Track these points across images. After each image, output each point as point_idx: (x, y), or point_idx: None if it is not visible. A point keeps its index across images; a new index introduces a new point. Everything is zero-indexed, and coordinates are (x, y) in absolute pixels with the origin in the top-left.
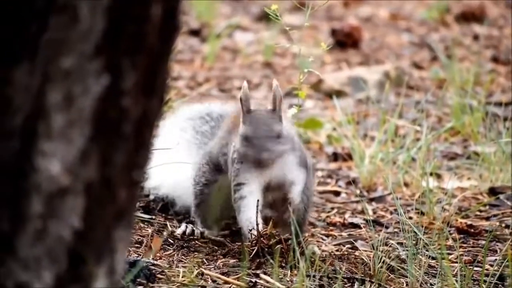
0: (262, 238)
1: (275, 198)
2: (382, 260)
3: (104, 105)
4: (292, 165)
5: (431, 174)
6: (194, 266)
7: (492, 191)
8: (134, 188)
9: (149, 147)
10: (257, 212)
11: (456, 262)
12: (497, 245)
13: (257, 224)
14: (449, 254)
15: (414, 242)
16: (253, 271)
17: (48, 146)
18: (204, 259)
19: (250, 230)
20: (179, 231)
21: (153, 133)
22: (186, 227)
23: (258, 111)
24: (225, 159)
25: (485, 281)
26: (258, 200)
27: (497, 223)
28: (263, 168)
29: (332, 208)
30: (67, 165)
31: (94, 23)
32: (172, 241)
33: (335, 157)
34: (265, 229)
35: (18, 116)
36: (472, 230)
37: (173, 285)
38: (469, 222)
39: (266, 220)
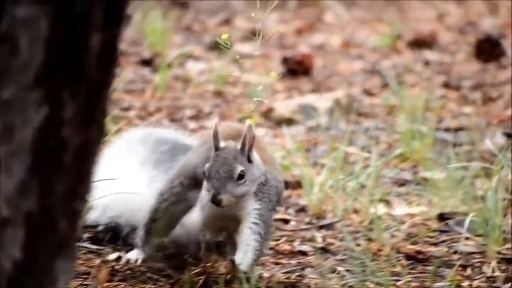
0: (208, 267)
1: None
2: None
3: (44, 135)
4: (251, 209)
5: (380, 200)
6: None
7: (441, 217)
8: (76, 218)
9: (90, 177)
10: (204, 242)
11: None
12: (445, 271)
13: (204, 255)
14: (397, 280)
15: (362, 269)
16: None
17: None
18: None
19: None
20: (111, 258)
21: (94, 163)
22: (119, 256)
23: (225, 149)
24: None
25: None
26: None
27: (446, 249)
28: (217, 206)
29: (282, 236)
30: (7, 196)
31: (34, 54)
32: (119, 272)
33: (285, 185)
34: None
35: None
36: (421, 256)
37: None
38: (417, 248)
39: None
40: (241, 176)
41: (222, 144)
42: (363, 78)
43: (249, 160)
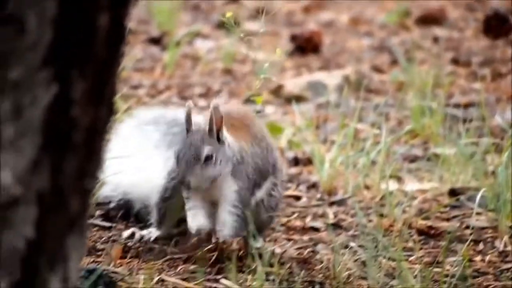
0: (221, 243)
1: None
2: (342, 263)
3: (53, 115)
4: (229, 190)
5: (391, 176)
6: (154, 273)
7: (453, 192)
8: (86, 196)
9: (100, 155)
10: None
11: (417, 264)
12: (457, 246)
13: (217, 230)
14: (409, 255)
15: (374, 244)
16: (213, 277)
17: None
18: (164, 266)
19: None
20: (124, 235)
21: (105, 141)
22: (133, 232)
23: (193, 132)
24: None
25: (445, 282)
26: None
27: (457, 224)
28: (194, 191)
29: (293, 213)
30: (18, 175)
31: (42, 34)
32: (132, 249)
33: (295, 162)
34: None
35: None
36: (433, 232)
37: None
38: (429, 224)
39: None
40: (208, 157)
41: (193, 126)
42: (372, 55)
43: (220, 141)
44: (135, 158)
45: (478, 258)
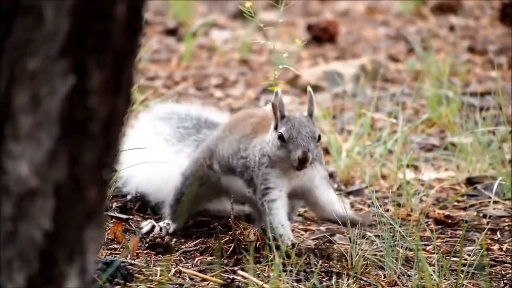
0: (238, 234)
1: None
2: (359, 253)
3: (71, 105)
4: (318, 177)
5: (408, 166)
6: (171, 265)
7: (470, 181)
8: (104, 187)
9: (117, 146)
10: (233, 210)
11: (434, 253)
12: (475, 235)
13: (233, 221)
14: (426, 245)
15: (391, 234)
16: (230, 268)
17: (16, 147)
18: (181, 257)
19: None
20: (143, 228)
21: (122, 132)
22: (153, 226)
23: (294, 115)
24: (244, 162)
25: (462, 271)
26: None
27: (475, 213)
28: (300, 169)
29: None
30: (35, 167)
31: (59, 24)
32: (149, 241)
33: None
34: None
35: None
36: (450, 221)
37: (151, 284)
38: (446, 213)
39: None
40: (319, 138)
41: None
42: (388, 44)
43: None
44: (148, 152)
45: (495, 247)
